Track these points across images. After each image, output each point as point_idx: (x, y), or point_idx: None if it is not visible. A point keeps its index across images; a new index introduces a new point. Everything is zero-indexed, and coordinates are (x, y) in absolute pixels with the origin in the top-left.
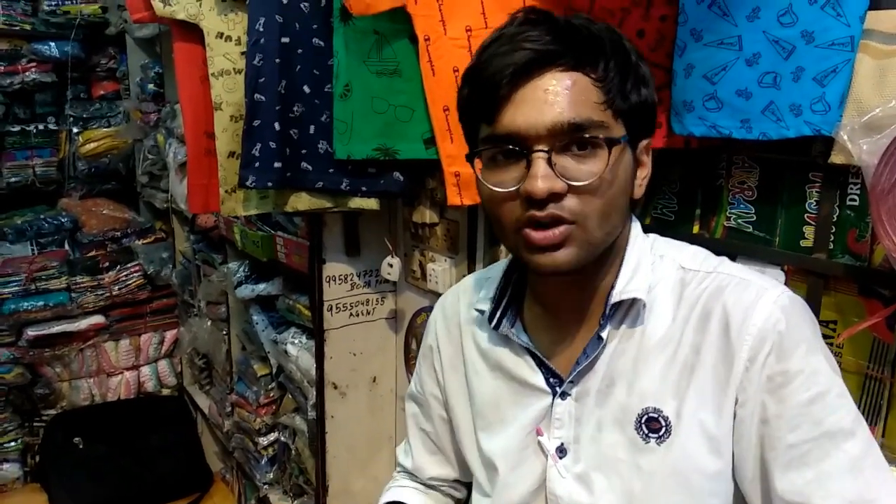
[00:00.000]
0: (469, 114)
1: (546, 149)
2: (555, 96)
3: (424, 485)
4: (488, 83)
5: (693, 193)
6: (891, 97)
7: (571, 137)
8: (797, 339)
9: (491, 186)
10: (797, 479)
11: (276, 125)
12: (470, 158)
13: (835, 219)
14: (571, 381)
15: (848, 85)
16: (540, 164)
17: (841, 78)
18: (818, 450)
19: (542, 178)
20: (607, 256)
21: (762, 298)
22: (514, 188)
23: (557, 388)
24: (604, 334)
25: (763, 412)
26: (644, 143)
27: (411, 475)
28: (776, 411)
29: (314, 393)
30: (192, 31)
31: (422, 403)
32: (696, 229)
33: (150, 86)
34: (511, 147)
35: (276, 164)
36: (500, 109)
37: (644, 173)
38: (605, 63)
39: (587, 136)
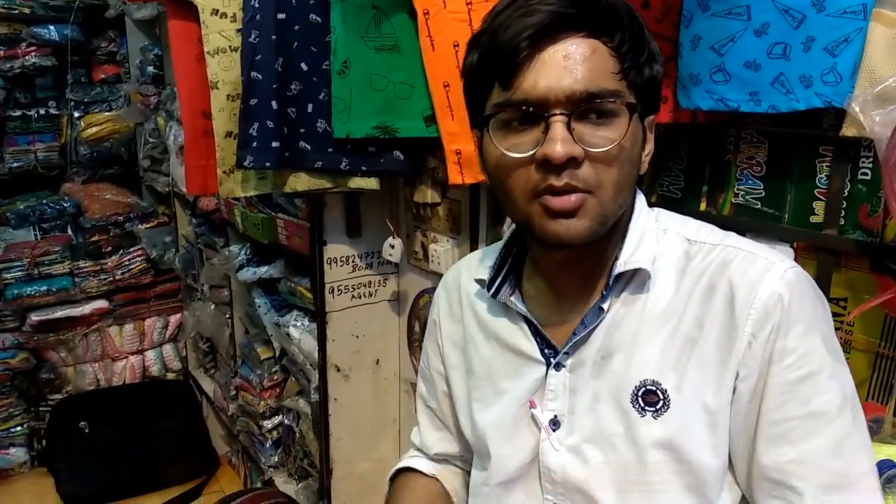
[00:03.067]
0: (479, 79)
1: (565, 112)
2: (574, 63)
3: (434, 460)
4: (506, 46)
5: (700, 169)
6: None
7: (589, 105)
8: (797, 317)
9: (504, 150)
10: (779, 456)
11: (274, 104)
12: (485, 122)
13: (846, 193)
14: (566, 353)
15: (860, 55)
16: (559, 127)
17: (853, 47)
18: (802, 429)
19: (561, 142)
20: (613, 230)
21: (769, 273)
22: (529, 153)
23: (552, 359)
24: (605, 305)
25: (763, 387)
26: (650, 119)
27: (421, 452)
28: (767, 386)
29: (317, 376)
30: (186, 9)
31: (428, 380)
32: (703, 206)
33: (150, 68)
34: (529, 110)
35: (274, 144)
36: (519, 73)
37: (648, 149)
38: (621, 34)
39: (605, 104)
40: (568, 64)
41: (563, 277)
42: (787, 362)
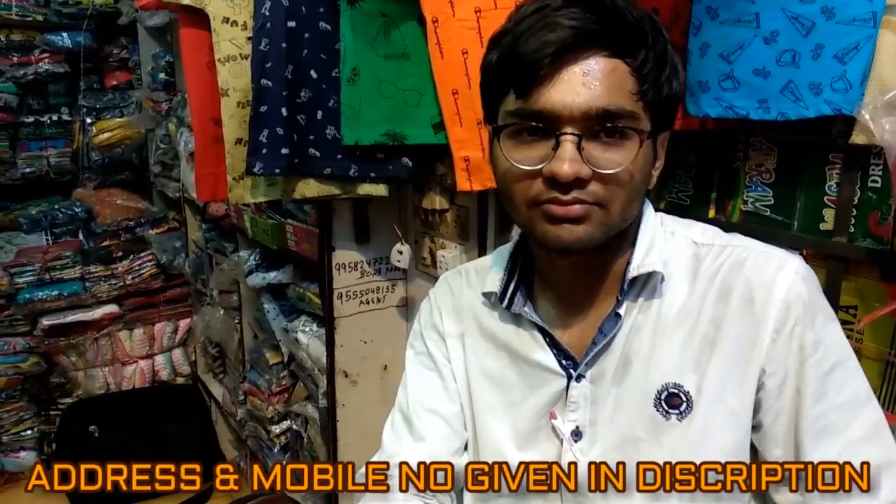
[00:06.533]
0: (495, 82)
1: (577, 132)
2: (594, 80)
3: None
4: (528, 58)
5: (709, 176)
6: None
7: (602, 125)
8: (816, 309)
9: (513, 161)
10: (828, 450)
11: (284, 111)
12: (496, 132)
13: (856, 201)
14: (587, 364)
15: (870, 62)
16: (568, 146)
17: (863, 55)
18: (842, 419)
19: (569, 162)
20: (620, 237)
21: (783, 269)
22: (537, 167)
23: (572, 371)
24: (621, 311)
25: (797, 382)
26: (663, 135)
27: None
28: (804, 381)
29: (325, 381)
30: (197, 17)
31: (428, 381)
32: (712, 213)
33: (161, 75)
34: (540, 125)
35: (284, 151)
36: (537, 87)
37: (658, 164)
38: (645, 53)
39: (619, 125)
40: (586, 80)
41: (572, 286)
42: (819, 355)
